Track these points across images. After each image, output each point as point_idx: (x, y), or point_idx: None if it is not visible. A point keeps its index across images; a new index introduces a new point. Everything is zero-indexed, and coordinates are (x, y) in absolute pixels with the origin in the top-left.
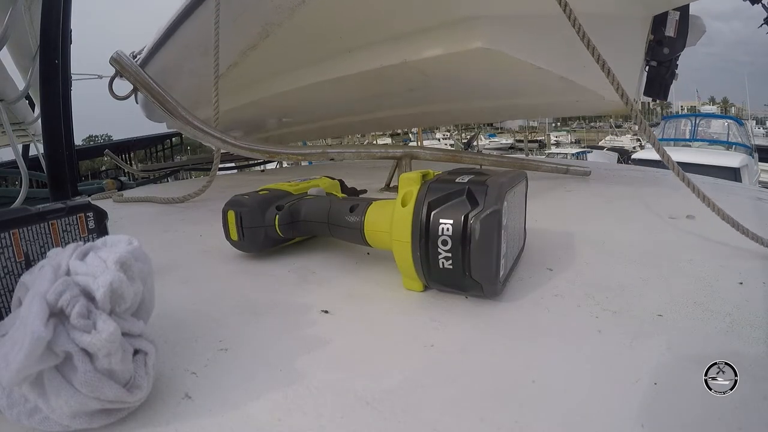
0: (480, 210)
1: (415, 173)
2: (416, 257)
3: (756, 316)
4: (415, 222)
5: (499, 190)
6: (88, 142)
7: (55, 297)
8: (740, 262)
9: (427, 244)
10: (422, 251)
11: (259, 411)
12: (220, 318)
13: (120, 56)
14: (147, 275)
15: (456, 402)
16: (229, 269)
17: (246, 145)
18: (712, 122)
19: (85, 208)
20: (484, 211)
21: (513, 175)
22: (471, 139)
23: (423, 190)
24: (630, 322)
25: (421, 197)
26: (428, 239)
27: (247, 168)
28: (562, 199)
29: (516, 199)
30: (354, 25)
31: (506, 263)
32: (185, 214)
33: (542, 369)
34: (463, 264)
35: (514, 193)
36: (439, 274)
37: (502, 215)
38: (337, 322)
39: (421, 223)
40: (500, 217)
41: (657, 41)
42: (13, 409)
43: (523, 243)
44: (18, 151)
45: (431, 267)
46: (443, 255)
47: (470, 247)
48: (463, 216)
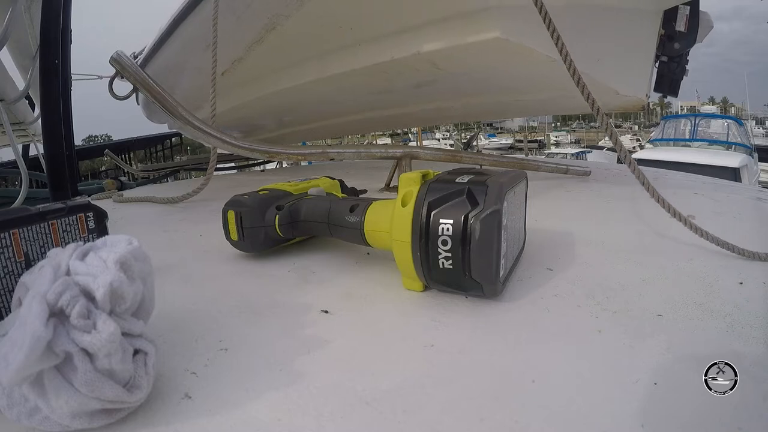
0: (480, 210)
1: (415, 173)
2: (416, 257)
3: (756, 316)
4: (415, 222)
5: (499, 190)
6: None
7: (55, 297)
8: (740, 262)
9: (427, 244)
10: (422, 251)
11: (259, 411)
12: (220, 318)
13: (120, 56)
14: (147, 275)
15: (456, 402)
16: (229, 269)
17: (246, 145)
18: (712, 122)
19: (85, 208)
20: (484, 211)
21: (513, 175)
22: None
23: (423, 190)
24: (630, 322)
25: (421, 197)
26: (428, 239)
27: (247, 168)
28: (562, 199)
29: (516, 199)
30: (365, 16)
31: (506, 263)
32: (185, 214)
33: (542, 369)
34: (463, 264)
35: (514, 193)
36: (439, 274)
37: (502, 215)
38: (337, 322)
39: (421, 223)
40: (500, 217)
41: (668, 36)
42: (13, 409)
43: (523, 243)
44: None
45: (431, 267)
46: (443, 255)
47: (470, 247)
48: (463, 216)
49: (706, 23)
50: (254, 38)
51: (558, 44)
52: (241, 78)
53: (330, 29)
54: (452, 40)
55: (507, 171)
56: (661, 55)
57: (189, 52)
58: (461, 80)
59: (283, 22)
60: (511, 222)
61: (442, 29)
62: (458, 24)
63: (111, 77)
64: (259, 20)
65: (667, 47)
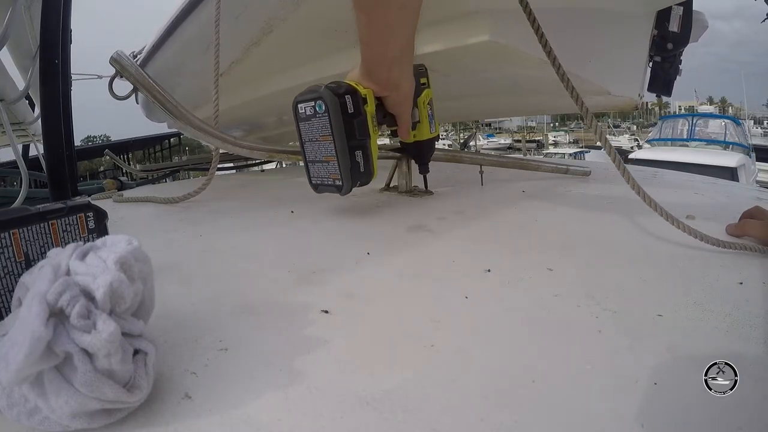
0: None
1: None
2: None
3: (756, 316)
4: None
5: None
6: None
7: (55, 297)
8: (740, 262)
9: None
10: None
11: (259, 411)
12: (220, 318)
13: (120, 56)
14: (147, 275)
15: (456, 402)
16: (229, 269)
17: (246, 145)
18: (710, 122)
19: (85, 208)
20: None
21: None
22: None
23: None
24: (630, 322)
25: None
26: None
27: (246, 168)
28: (562, 199)
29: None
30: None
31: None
32: (185, 214)
33: (542, 369)
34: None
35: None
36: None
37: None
38: (337, 322)
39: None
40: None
41: (661, 36)
42: (13, 409)
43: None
44: (18, 151)
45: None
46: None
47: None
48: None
49: (700, 23)
50: (251, 40)
51: (546, 47)
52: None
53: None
54: (444, 43)
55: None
56: (655, 55)
57: (189, 53)
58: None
59: (280, 25)
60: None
61: (435, 33)
62: (450, 28)
63: (111, 77)
64: (257, 22)
65: (660, 47)
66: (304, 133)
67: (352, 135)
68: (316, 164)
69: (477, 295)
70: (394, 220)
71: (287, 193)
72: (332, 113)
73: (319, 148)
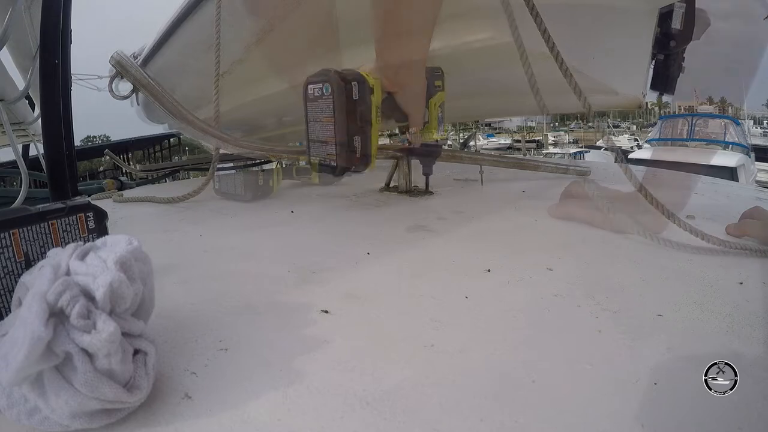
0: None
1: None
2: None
3: (756, 316)
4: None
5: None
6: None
7: (55, 297)
8: (740, 262)
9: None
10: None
11: (259, 411)
12: (220, 318)
13: (120, 56)
14: (147, 275)
15: (456, 402)
16: (229, 269)
17: (246, 144)
18: (710, 122)
19: (85, 208)
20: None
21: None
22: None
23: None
24: (630, 322)
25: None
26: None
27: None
28: None
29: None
30: (361, 18)
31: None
32: (185, 214)
33: (542, 369)
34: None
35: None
36: None
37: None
38: (337, 322)
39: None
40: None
41: (664, 34)
42: (13, 409)
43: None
44: (18, 151)
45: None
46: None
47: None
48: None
49: (703, 21)
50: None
51: (549, 43)
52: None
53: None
54: (446, 40)
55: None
56: (657, 53)
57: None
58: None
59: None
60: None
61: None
62: (452, 25)
63: (111, 77)
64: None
65: (663, 45)
66: (310, 113)
67: (353, 120)
68: (317, 144)
69: (477, 295)
70: (394, 220)
71: (287, 193)
72: (336, 96)
73: (321, 128)
